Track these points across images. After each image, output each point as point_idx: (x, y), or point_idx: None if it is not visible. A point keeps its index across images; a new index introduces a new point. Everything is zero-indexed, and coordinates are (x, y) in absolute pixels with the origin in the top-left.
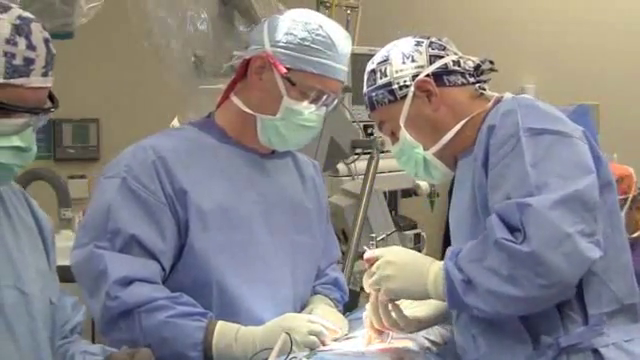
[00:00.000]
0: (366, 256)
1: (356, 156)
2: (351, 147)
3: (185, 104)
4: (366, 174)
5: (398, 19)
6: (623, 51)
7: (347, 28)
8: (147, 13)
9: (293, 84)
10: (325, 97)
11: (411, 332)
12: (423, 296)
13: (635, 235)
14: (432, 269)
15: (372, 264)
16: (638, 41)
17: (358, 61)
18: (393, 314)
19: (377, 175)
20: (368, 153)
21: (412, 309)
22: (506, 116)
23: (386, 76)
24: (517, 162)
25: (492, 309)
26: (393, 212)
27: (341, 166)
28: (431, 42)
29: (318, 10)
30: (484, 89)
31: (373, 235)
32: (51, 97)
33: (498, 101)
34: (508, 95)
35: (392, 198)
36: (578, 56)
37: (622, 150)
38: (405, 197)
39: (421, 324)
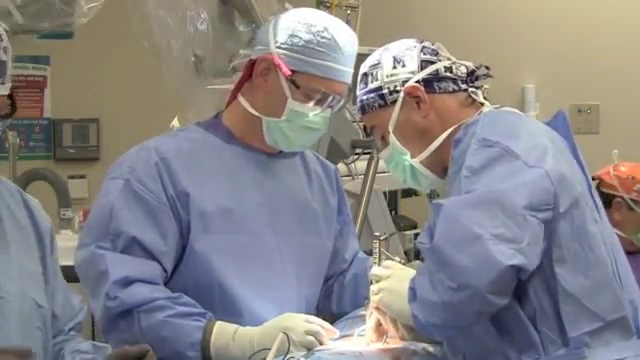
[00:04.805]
0: (374, 272)
1: (356, 156)
2: (351, 147)
3: (185, 104)
4: (366, 174)
5: (398, 19)
6: (623, 51)
7: None
8: (147, 13)
9: (297, 87)
10: (330, 99)
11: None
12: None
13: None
14: None
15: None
16: (638, 41)
17: (358, 61)
18: (402, 329)
19: (377, 175)
20: (368, 153)
21: None
22: (469, 128)
23: (377, 80)
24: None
25: (425, 318)
26: (393, 212)
27: (341, 166)
28: (423, 47)
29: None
30: (476, 94)
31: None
32: (12, 103)
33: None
34: (486, 109)
35: (392, 198)
36: (578, 56)
37: (622, 150)
38: (405, 197)
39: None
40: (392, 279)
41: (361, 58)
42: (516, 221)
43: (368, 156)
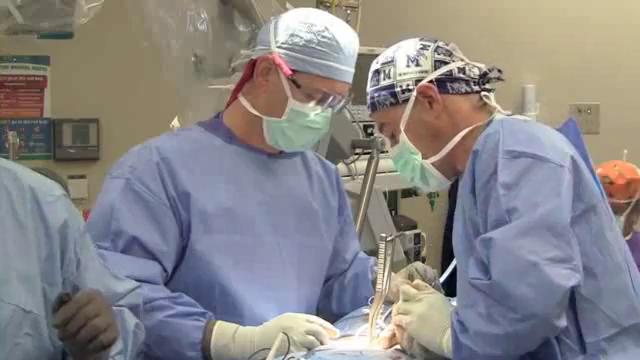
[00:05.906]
0: (403, 289)
1: (356, 156)
2: (351, 147)
3: (185, 104)
4: (366, 174)
5: (398, 19)
6: (623, 51)
7: None
8: (147, 13)
9: (298, 86)
10: (331, 99)
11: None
12: (438, 349)
13: (628, 238)
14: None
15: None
16: (638, 41)
17: (358, 61)
18: (416, 347)
19: (377, 175)
20: (368, 153)
21: None
22: (489, 139)
23: (389, 78)
24: (496, 186)
25: (482, 350)
26: (393, 212)
27: (341, 166)
28: (437, 47)
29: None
30: (488, 98)
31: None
32: None
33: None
34: (498, 116)
35: (392, 198)
36: (578, 56)
37: (622, 150)
38: (405, 197)
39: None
40: (423, 305)
41: (361, 58)
42: (565, 240)
43: (368, 156)
